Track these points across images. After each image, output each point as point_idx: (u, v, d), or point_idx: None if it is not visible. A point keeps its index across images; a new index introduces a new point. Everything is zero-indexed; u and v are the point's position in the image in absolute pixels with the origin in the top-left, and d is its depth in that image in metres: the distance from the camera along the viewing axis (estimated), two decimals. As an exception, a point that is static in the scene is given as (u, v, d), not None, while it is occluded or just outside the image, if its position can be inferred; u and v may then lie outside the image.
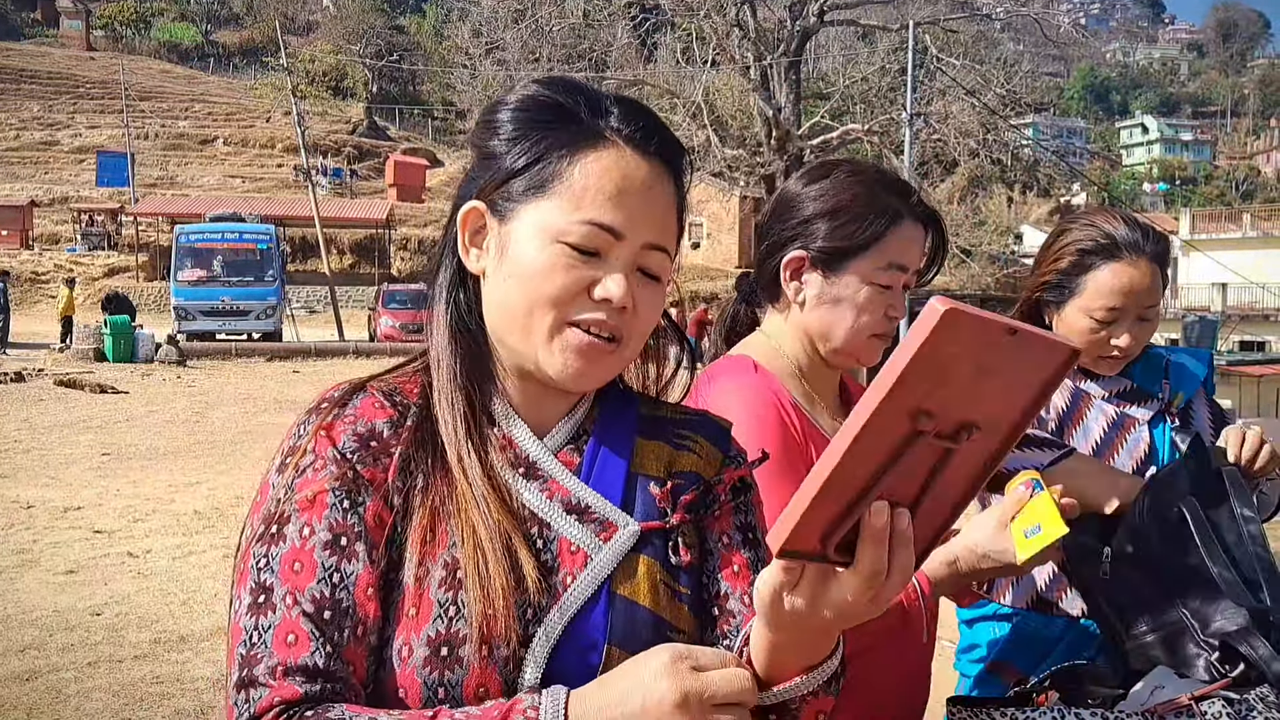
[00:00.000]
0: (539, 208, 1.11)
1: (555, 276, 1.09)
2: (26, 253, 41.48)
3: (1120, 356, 2.14)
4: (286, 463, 1.09)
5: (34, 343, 26.08)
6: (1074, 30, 31.97)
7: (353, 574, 1.03)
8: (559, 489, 1.13)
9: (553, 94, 1.16)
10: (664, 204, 1.14)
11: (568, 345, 1.11)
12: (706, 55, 27.82)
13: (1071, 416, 2.17)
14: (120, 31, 78.94)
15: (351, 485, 1.06)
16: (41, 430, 13.12)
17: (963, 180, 38.58)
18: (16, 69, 61.80)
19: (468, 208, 1.16)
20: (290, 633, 1.00)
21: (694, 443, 1.22)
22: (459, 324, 1.17)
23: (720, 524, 1.20)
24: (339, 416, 1.10)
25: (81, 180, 50.69)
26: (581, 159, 1.11)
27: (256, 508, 1.09)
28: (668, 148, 1.16)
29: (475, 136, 1.20)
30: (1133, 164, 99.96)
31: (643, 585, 1.11)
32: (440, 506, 1.07)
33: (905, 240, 1.71)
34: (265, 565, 1.04)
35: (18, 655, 5.37)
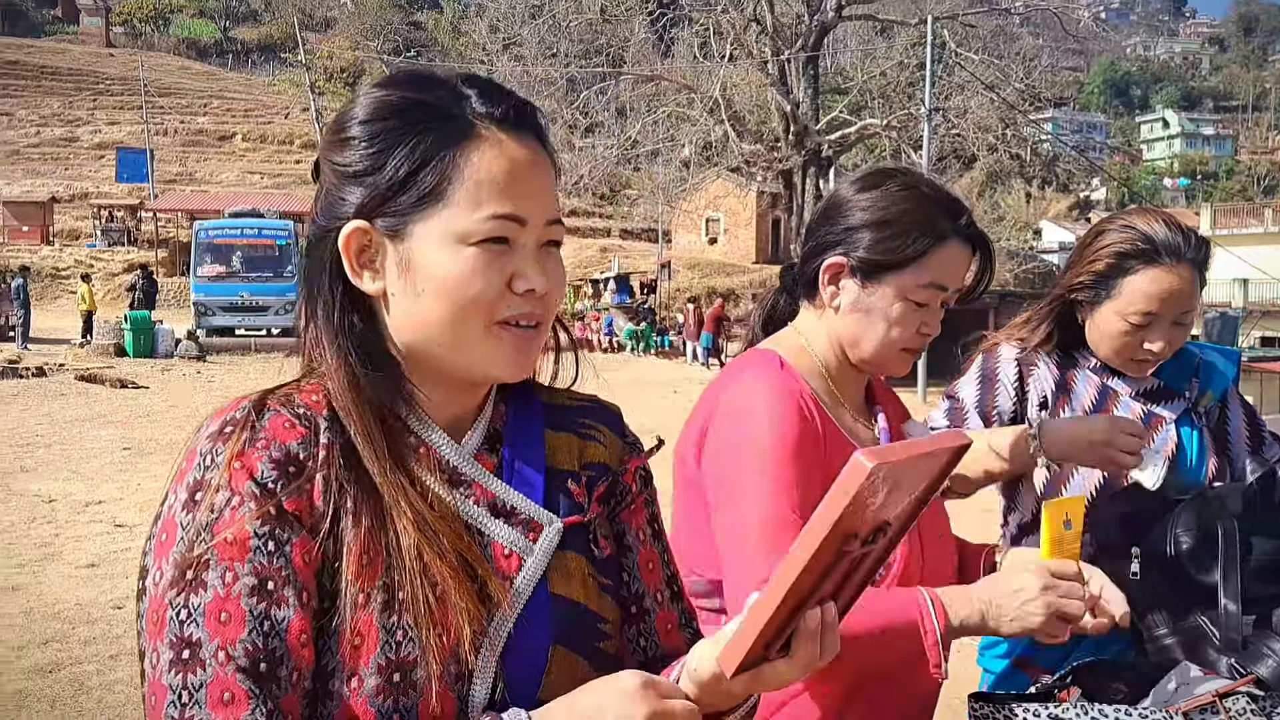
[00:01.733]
0: (438, 216, 1.06)
1: (476, 280, 1.05)
2: (47, 249, 41.77)
3: (1152, 360, 2.11)
4: (197, 499, 1.00)
5: (55, 338, 26.28)
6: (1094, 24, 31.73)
7: (284, 620, 0.97)
8: (484, 493, 1.11)
9: (407, 94, 1.10)
10: (548, 176, 1.12)
11: (503, 346, 1.08)
12: (724, 50, 27.74)
13: (1098, 414, 2.14)
14: (139, 28, 79.39)
15: (275, 523, 0.99)
16: (63, 425, 13.22)
17: (981, 176, 38.43)
18: (37, 66, 62.24)
19: (350, 229, 1.07)
20: (226, 690, 0.94)
21: (598, 432, 1.23)
22: (357, 346, 1.09)
23: (636, 518, 1.22)
24: (250, 442, 1.02)
25: (101, 176, 50.99)
26: (465, 156, 1.06)
27: (162, 549, 0.99)
28: (532, 119, 1.12)
29: (332, 154, 1.11)
30: (1153, 159, 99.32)
31: (575, 581, 1.12)
32: (371, 527, 1.02)
33: (948, 260, 1.70)
34: (187, 617, 0.96)
35: (40, 648, 5.42)
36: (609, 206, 52.24)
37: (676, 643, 1.21)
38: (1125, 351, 2.11)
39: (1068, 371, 2.20)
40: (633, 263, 42.47)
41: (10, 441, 11.79)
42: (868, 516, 0.91)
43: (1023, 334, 2.25)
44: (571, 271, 43.75)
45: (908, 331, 1.71)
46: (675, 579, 1.25)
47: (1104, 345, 2.14)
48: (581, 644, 1.10)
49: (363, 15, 76.61)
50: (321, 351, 1.10)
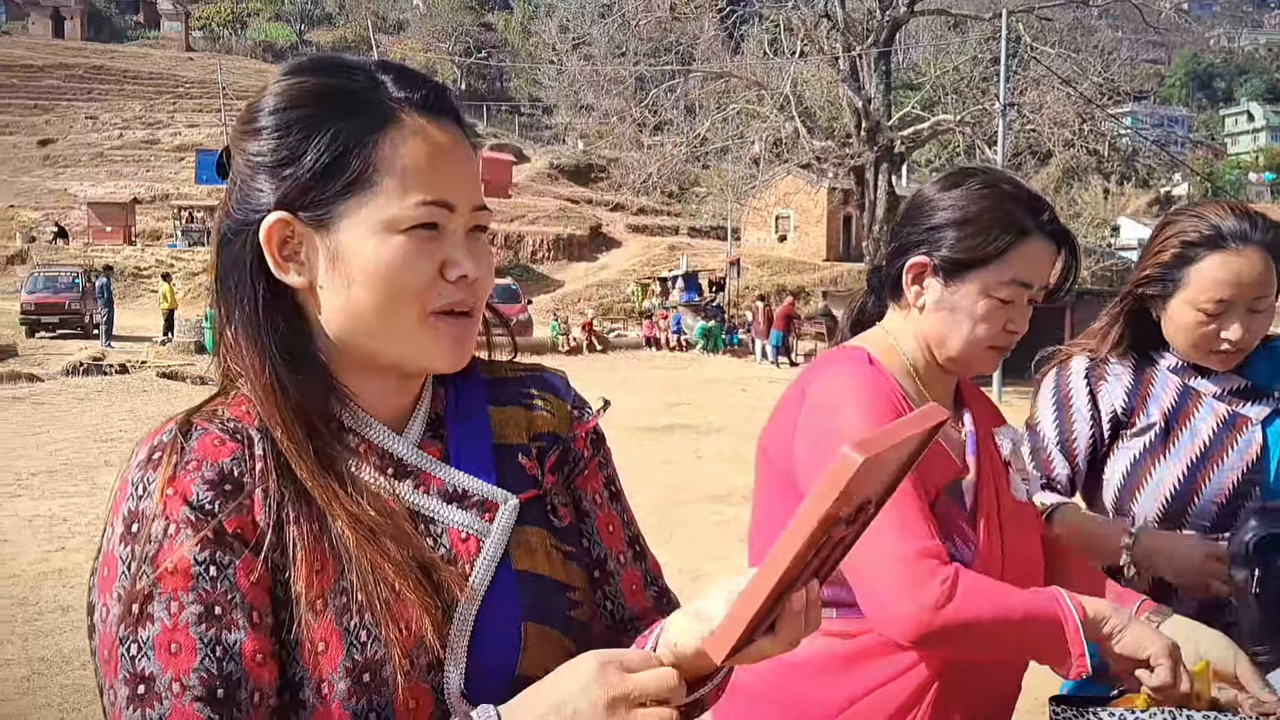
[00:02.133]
0: (364, 204, 1.03)
1: (407, 268, 1.03)
2: (129, 249, 42.90)
3: (1232, 351, 2.03)
4: (133, 531, 0.97)
5: (137, 336, 26.98)
6: (1176, 15, 30.94)
7: (236, 644, 0.95)
8: (433, 480, 1.09)
9: (323, 79, 1.07)
10: (472, 161, 1.10)
11: (439, 335, 1.06)
12: (795, 46, 27.57)
13: (1178, 416, 2.08)
14: (218, 32, 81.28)
15: (215, 547, 0.97)
16: (145, 420, 13.54)
17: (1057, 172, 37.68)
18: (120, 70, 64.04)
19: (271, 220, 1.03)
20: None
21: (543, 400, 1.21)
22: (280, 346, 1.05)
23: (591, 483, 1.21)
24: (180, 465, 0.99)
25: (181, 178, 52.23)
26: (389, 142, 1.03)
27: (105, 584, 0.98)
28: (450, 103, 1.09)
29: (245, 144, 1.07)
30: (1238, 153, 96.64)
31: (539, 555, 1.11)
32: (318, 533, 1.01)
33: (1031, 257, 1.71)
34: (138, 652, 0.94)
35: (125, 638, 5.55)
36: (677, 204, 52.23)
37: (643, 602, 1.21)
38: (1203, 344, 2.04)
39: (1144, 373, 2.14)
40: (701, 260, 42.39)
41: (95, 437, 12.12)
42: (852, 501, 0.94)
43: (1093, 344, 2.19)
44: (639, 269, 43.85)
45: (994, 329, 1.71)
46: (637, 539, 1.24)
47: (1181, 339, 2.08)
48: (553, 616, 1.10)
49: (434, 17, 77.52)
50: (241, 358, 1.06)
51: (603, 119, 41.25)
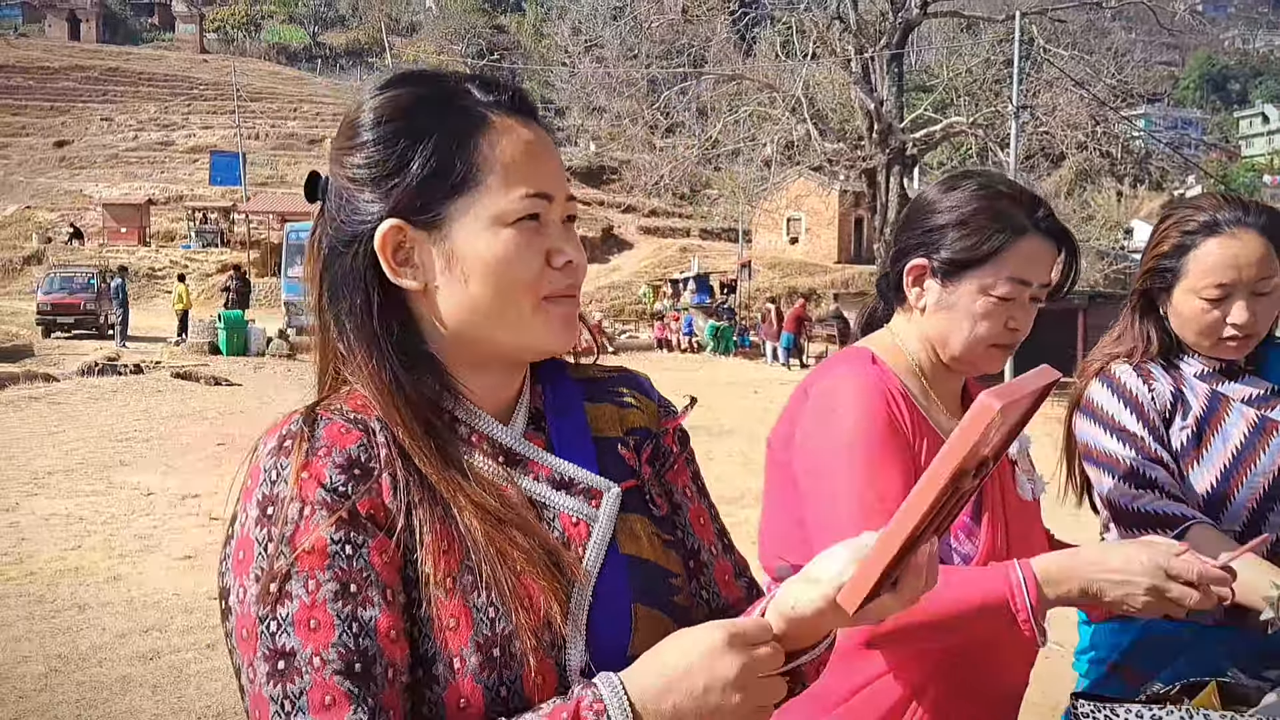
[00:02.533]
0: (471, 203, 1.09)
1: (519, 259, 1.09)
2: (144, 249, 43.11)
3: (1241, 336, 2.04)
4: (269, 513, 1.01)
5: (152, 336, 27.12)
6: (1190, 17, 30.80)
7: (371, 620, 0.99)
8: (541, 468, 1.14)
9: (416, 91, 1.13)
10: (556, 153, 1.16)
11: (552, 319, 1.12)
12: (807, 49, 27.53)
13: (1210, 421, 2.08)
14: (232, 34, 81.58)
15: (349, 527, 1.01)
16: (160, 420, 13.63)
17: (1070, 174, 37.53)
18: (135, 72, 64.36)
19: (385, 228, 1.09)
20: (326, 694, 0.96)
21: (633, 398, 1.27)
22: (397, 348, 1.11)
23: (681, 477, 1.26)
24: (311, 451, 1.03)
25: (195, 179, 52.50)
26: (485, 142, 1.10)
27: (241, 566, 1.01)
28: (531, 104, 1.16)
29: (347, 158, 1.12)
30: (1252, 155, 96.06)
31: (643, 541, 1.16)
32: (444, 516, 1.05)
33: (1027, 255, 1.72)
34: (278, 629, 0.98)
35: (141, 635, 5.60)
36: (689, 206, 52.21)
37: (736, 592, 1.25)
38: (1210, 332, 2.05)
39: (1175, 380, 2.13)
40: (712, 262, 42.39)
41: (110, 436, 12.19)
42: (981, 452, 0.97)
43: (1119, 349, 2.18)
44: (651, 271, 43.85)
45: (994, 327, 1.74)
46: (724, 533, 1.29)
47: (1188, 331, 2.09)
48: (659, 599, 1.14)
49: (447, 19, 77.68)
50: (355, 363, 1.11)
51: (615, 121, 41.25)
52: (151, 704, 4.72)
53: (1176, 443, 2.08)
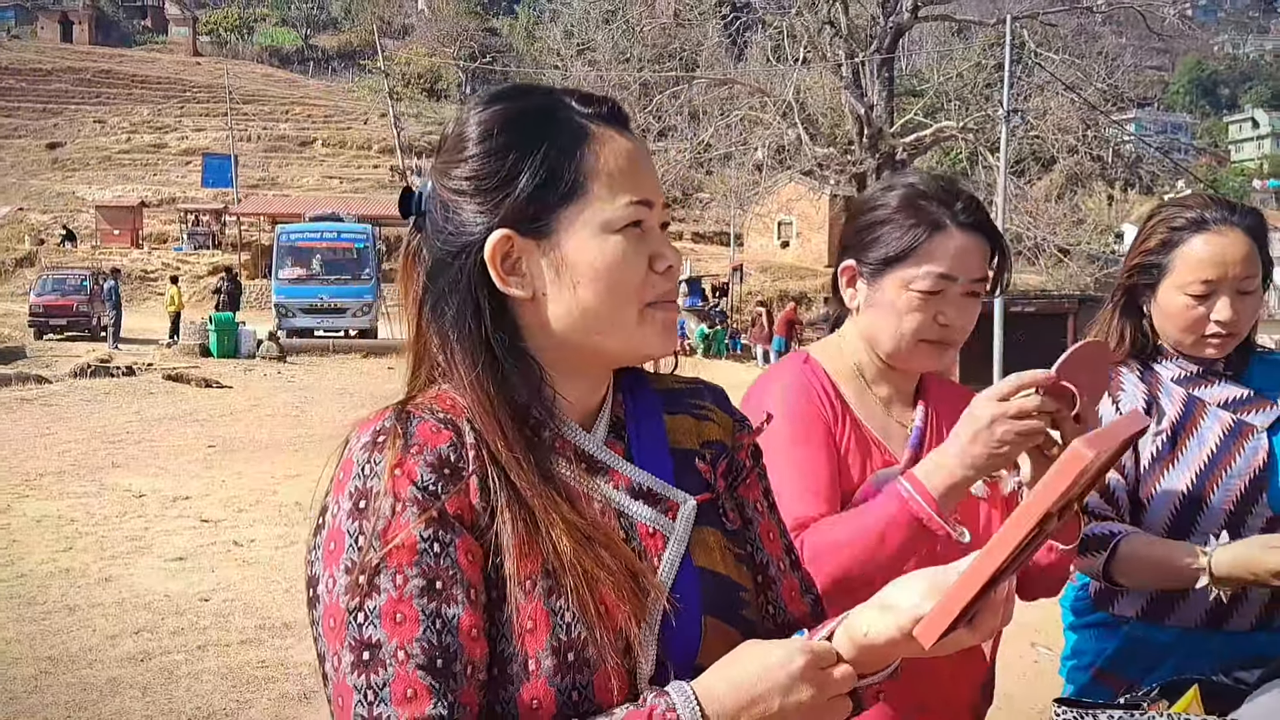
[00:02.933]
0: (580, 210, 1.12)
1: (626, 265, 1.12)
2: (136, 251, 42.98)
3: (1225, 335, 2.06)
4: (361, 507, 1.03)
5: (144, 338, 27.06)
6: (1180, 21, 30.84)
7: (454, 618, 1.01)
8: (620, 478, 1.15)
9: (519, 104, 1.16)
10: (652, 162, 1.19)
11: (657, 324, 1.15)
12: (798, 53, 27.53)
13: (1185, 425, 2.09)
14: (225, 37, 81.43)
15: (439, 526, 1.03)
16: (151, 422, 13.62)
17: (1061, 178, 37.61)
18: (128, 74, 64.20)
19: (496, 238, 1.11)
20: (409, 687, 0.98)
21: (710, 411, 1.28)
22: (503, 356, 1.12)
23: (753, 492, 1.28)
24: (405, 449, 1.05)
25: (188, 181, 52.35)
26: (590, 152, 1.13)
27: (331, 557, 1.04)
28: (624, 114, 1.19)
29: (453, 171, 1.15)
30: (1242, 160, 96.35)
31: (716, 554, 1.17)
32: (527, 519, 1.06)
33: (947, 248, 1.75)
34: (365, 620, 1.00)
35: (132, 637, 5.62)
36: (681, 210, 52.12)
37: (802, 608, 1.26)
38: (1193, 329, 2.07)
39: (1150, 384, 2.15)
40: (704, 266, 42.41)
41: (102, 438, 12.19)
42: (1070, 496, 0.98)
43: None
44: (644, 275, 43.72)
45: (921, 322, 1.76)
46: (792, 548, 1.30)
47: (1172, 328, 2.11)
48: (729, 613, 1.15)
49: (440, 22, 77.56)
50: (457, 373, 1.12)
51: (607, 124, 41.12)
52: (141, 705, 4.75)
53: (1151, 449, 2.09)
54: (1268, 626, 2.06)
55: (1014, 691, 4.83)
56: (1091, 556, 2.03)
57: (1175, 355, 2.16)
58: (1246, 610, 2.06)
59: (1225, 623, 2.07)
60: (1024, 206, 28.36)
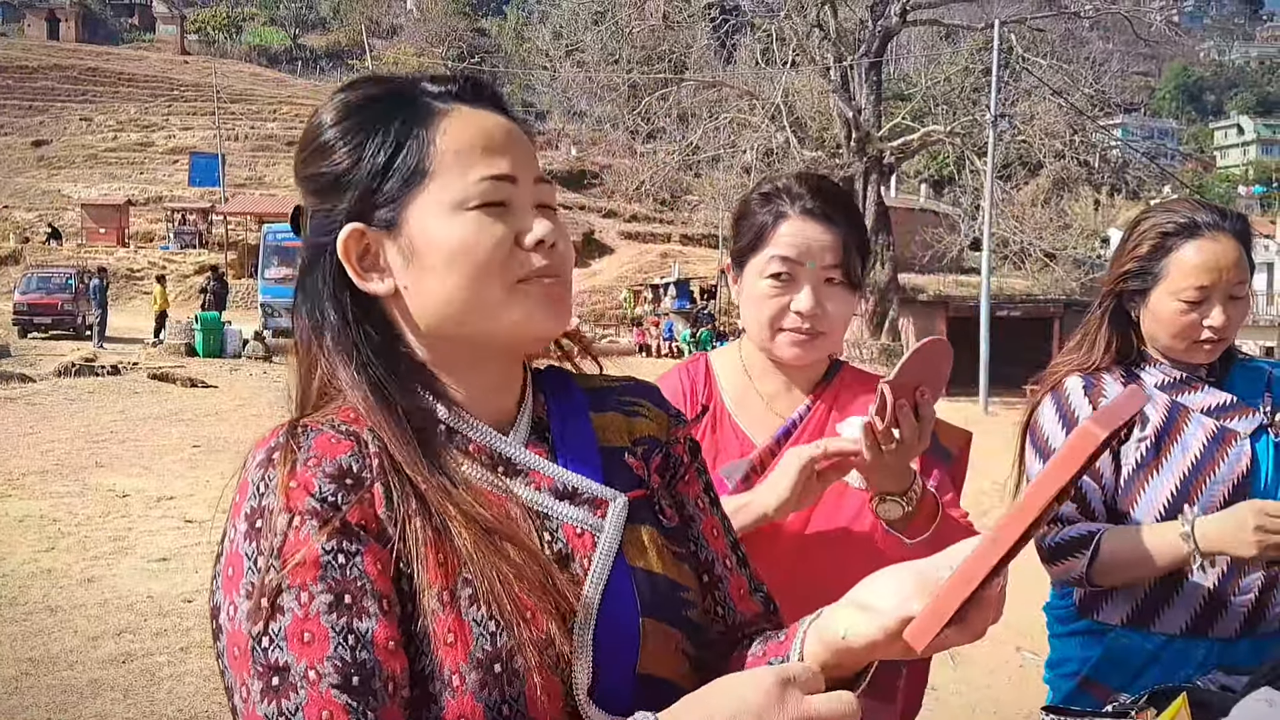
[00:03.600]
0: (427, 192, 1.06)
1: (483, 241, 1.06)
2: (123, 250, 42.78)
3: (1215, 339, 2.07)
4: (257, 526, 0.97)
5: (129, 337, 26.94)
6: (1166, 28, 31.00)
7: (368, 631, 0.95)
8: (542, 479, 1.10)
9: (363, 91, 1.12)
10: (524, 139, 1.12)
11: (531, 300, 1.08)
12: (786, 56, 27.60)
13: (1169, 432, 2.10)
14: (213, 36, 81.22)
15: (341, 536, 0.97)
16: (136, 422, 13.56)
17: (1047, 183, 37.75)
18: (115, 73, 63.91)
19: (345, 233, 1.07)
20: (324, 709, 0.91)
21: (641, 407, 1.23)
22: (376, 356, 1.08)
23: (693, 488, 1.23)
24: (300, 462, 0.99)
25: (175, 180, 52.16)
26: (437, 131, 1.07)
27: (230, 583, 0.97)
28: (487, 91, 1.13)
29: (307, 169, 1.12)
30: (1227, 166, 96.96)
31: (651, 552, 1.12)
32: (439, 528, 1.01)
33: (792, 235, 1.79)
34: (270, 644, 0.93)
35: (114, 638, 5.58)
36: (670, 212, 52.23)
37: (753, 607, 1.21)
38: (1186, 334, 2.08)
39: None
40: (693, 268, 42.45)
41: (86, 437, 12.12)
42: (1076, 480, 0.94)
43: (1081, 356, 2.21)
44: (632, 276, 43.87)
45: (776, 310, 1.79)
46: (738, 545, 1.25)
47: (1163, 333, 2.11)
48: (670, 614, 1.09)
49: (428, 22, 77.49)
50: (338, 376, 1.08)
51: (596, 126, 41.27)
52: (122, 708, 4.71)
53: (1135, 455, 2.10)
54: (1252, 633, 2.06)
55: (1000, 696, 4.84)
56: (1073, 559, 2.04)
57: (1159, 361, 2.17)
58: (1231, 617, 2.06)
59: (1210, 630, 2.07)
60: (1011, 211, 28.52)
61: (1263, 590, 2.06)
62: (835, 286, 1.80)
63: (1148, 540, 2.00)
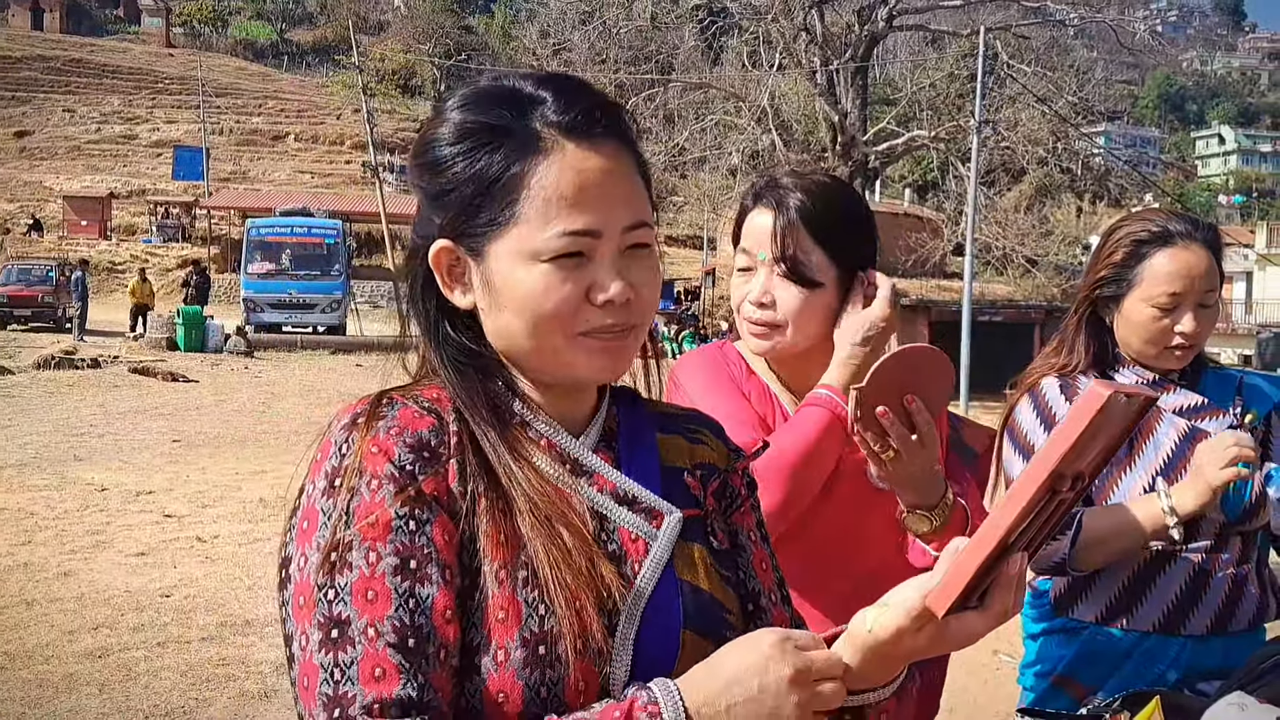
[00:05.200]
0: (508, 236, 1.08)
1: (551, 295, 1.07)
2: (105, 243, 42.54)
3: (1186, 345, 2.11)
4: (336, 484, 1.02)
5: (110, 331, 26.77)
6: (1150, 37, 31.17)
7: (428, 598, 0.99)
8: (605, 482, 1.13)
9: (477, 116, 1.12)
10: (628, 181, 1.12)
11: (590, 353, 1.11)
12: (773, 59, 27.64)
13: (1141, 430, 2.14)
14: (199, 29, 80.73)
15: (414, 503, 1.01)
16: (116, 416, 13.49)
17: (1031, 189, 37.96)
18: (99, 64, 63.46)
19: (437, 247, 1.12)
20: (377, 666, 0.95)
21: (704, 435, 1.27)
22: (459, 355, 1.14)
23: (747, 520, 1.26)
24: (384, 429, 1.04)
25: (158, 174, 51.87)
26: (532, 172, 1.07)
27: (304, 536, 1.02)
28: (610, 120, 1.12)
29: (413, 176, 1.18)
30: (1208, 175, 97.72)
31: (699, 570, 1.15)
32: (505, 509, 1.05)
33: (750, 226, 1.86)
34: (335, 597, 0.98)
35: (90, 633, 5.55)
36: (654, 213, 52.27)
37: None
38: (1158, 340, 2.12)
39: None
40: (677, 269, 42.49)
41: (65, 431, 12.06)
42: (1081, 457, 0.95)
43: (1059, 360, 2.25)
44: (616, 277, 43.75)
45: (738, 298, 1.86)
46: (783, 583, 1.28)
47: (1135, 338, 2.15)
48: (710, 630, 1.11)
49: (415, 19, 77.20)
50: (430, 353, 1.16)
51: (582, 125, 40.97)
52: (98, 703, 4.69)
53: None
54: (1223, 631, 2.11)
55: (976, 698, 4.87)
56: (1055, 541, 2.05)
57: (1133, 364, 2.21)
58: (1202, 614, 2.11)
59: (1182, 627, 2.12)
60: (994, 216, 28.62)
61: (1232, 588, 2.11)
62: (781, 277, 1.81)
63: (1125, 514, 2.06)
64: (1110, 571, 2.14)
